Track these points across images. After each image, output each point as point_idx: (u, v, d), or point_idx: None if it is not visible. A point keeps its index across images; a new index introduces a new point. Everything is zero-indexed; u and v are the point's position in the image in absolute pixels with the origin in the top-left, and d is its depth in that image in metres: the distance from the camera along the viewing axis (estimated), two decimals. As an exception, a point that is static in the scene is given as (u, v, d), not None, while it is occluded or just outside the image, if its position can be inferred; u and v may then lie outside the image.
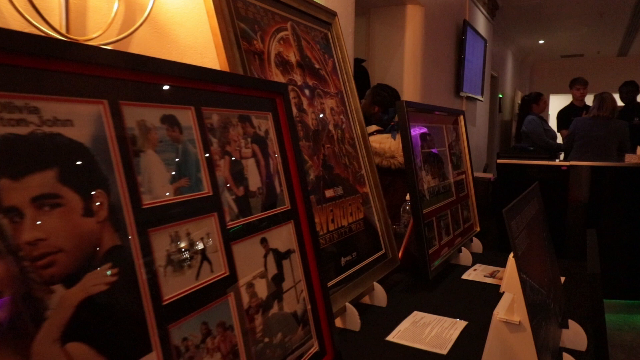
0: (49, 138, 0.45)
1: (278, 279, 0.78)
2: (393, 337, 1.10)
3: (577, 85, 5.09)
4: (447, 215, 1.70)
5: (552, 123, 5.58)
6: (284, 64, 1.20)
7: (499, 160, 3.39)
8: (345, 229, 1.29)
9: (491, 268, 1.63)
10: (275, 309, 0.75)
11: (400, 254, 1.55)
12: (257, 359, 0.69)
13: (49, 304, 0.42)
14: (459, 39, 3.99)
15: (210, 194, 0.66)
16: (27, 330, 0.40)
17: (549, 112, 8.06)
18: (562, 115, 5.09)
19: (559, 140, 4.99)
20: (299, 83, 1.25)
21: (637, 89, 4.76)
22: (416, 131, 1.58)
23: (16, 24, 0.87)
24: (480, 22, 4.84)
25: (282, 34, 1.23)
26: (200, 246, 0.62)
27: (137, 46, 1.10)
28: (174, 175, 0.60)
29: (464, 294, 1.41)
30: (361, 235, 1.37)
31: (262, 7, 1.17)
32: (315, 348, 0.84)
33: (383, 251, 1.46)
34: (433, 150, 1.69)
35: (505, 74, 7.66)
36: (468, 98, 4.50)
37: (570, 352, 0.97)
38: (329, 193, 1.26)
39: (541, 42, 7.93)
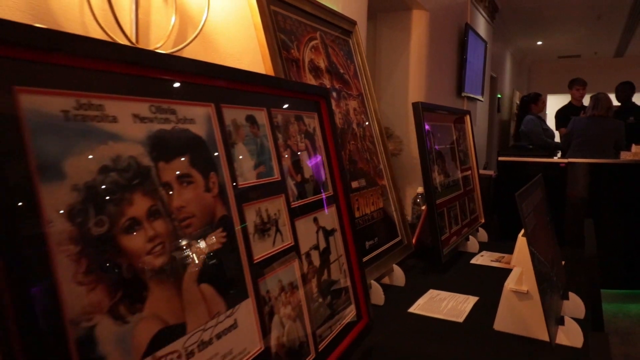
0: (183, 132, 0.60)
1: (326, 252, 0.93)
2: (414, 309, 1.25)
3: (576, 86, 5.25)
4: (456, 206, 1.86)
5: (550, 121, 5.75)
6: (315, 70, 1.35)
7: (500, 158, 3.55)
8: (368, 216, 1.45)
9: (497, 254, 1.79)
10: (325, 275, 0.90)
11: (413, 242, 1.71)
12: (314, 314, 0.84)
13: (189, 254, 0.57)
14: (461, 41, 4.14)
15: (279, 179, 0.81)
16: (179, 272, 0.55)
17: (547, 112, 8.23)
18: (560, 114, 5.25)
19: (557, 138, 5.16)
20: (328, 86, 1.40)
21: (633, 89, 4.93)
22: (427, 129, 1.73)
23: (97, 36, 1.02)
24: (481, 25, 5.00)
25: (313, 42, 1.38)
26: (274, 220, 0.77)
27: (188, 54, 1.25)
28: (255, 163, 0.75)
29: (473, 275, 1.57)
30: (381, 223, 1.53)
31: (296, 20, 1.33)
32: (353, 312, 0.99)
33: (399, 238, 1.62)
34: (438, 147, 1.84)
35: (504, 74, 7.82)
36: (469, 98, 4.65)
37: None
38: (354, 184, 1.41)
39: (539, 43, 8.10)
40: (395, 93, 3.17)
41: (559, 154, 4.75)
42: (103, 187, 0.48)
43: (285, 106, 0.88)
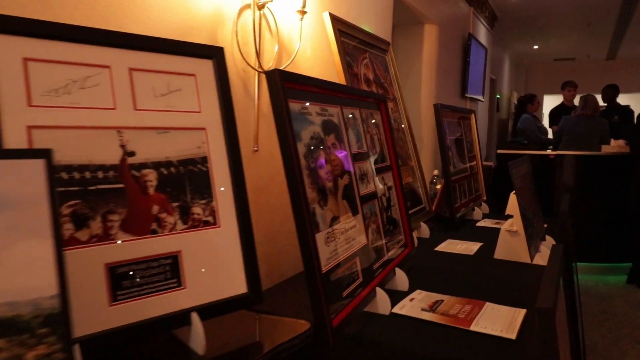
0: (330, 121, 1.14)
1: (389, 199, 1.47)
2: (438, 248, 1.79)
3: (568, 87, 5.79)
4: (464, 184, 2.40)
5: (546, 120, 6.30)
6: (367, 81, 1.89)
7: (498, 151, 4.10)
8: (404, 187, 1.98)
9: (496, 220, 2.33)
10: (389, 213, 1.44)
11: (433, 209, 2.25)
12: (385, 233, 1.38)
13: (339, 184, 1.11)
14: (464, 49, 4.68)
15: (366, 151, 1.35)
16: (336, 191, 1.09)
17: (543, 112, 8.78)
18: (553, 113, 5.80)
19: (550, 135, 5.70)
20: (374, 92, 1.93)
21: (617, 91, 5.48)
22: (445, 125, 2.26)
23: (239, 64, 1.55)
24: (482, 33, 5.54)
25: (365, 61, 1.92)
26: (365, 174, 1.31)
27: (280, 70, 1.78)
28: (355, 140, 1.29)
29: (479, 232, 2.11)
30: (411, 193, 2.07)
31: (354, 45, 1.86)
32: (403, 240, 1.53)
33: (423, 205, 2.16)
34: (451, 138, 2.38)
35: (503, 76, 8.37)
36: (471, 99, 5.19)
37: (546, 252, 1.66)
38: (393, 163, 1.94)
39: (535, 47, 8.65)
40: (410, 95, 3.71)
41: (551, 148, 5.28)
42: (311, 146, 1.02)
43: (365, 107, 1.42)
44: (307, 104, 1.03)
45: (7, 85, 0.67)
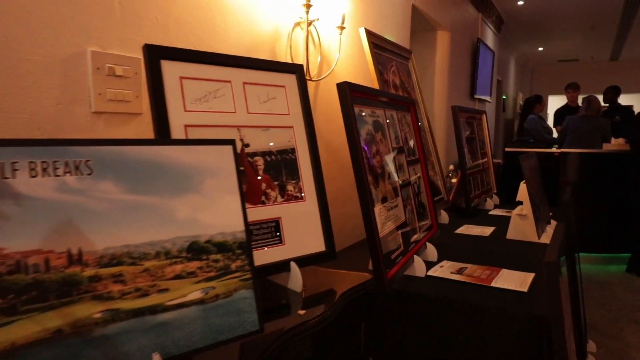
0: (377, 121, 1.42)
1: (419, 186, 1.75)
2: (457, 231, 2.07)
3: (569, 90, 6.05)
4: (478, 177, 2.67)
5: (552, 120, 6.56)
6: (395, 86, 2.17)
7: (506, 149, 4.37)
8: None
9: (506, 210, 2.61)
10: (419, 198, 1.73)
11: (450, 198, 2.53)
12: (415, 216, 1.66)
13: (385, 171, 1.39)
14: (473, 53, 4.96)
15: (401, 145, 1.63)
16: (384, 176, 1.38)
17: (548, 112, 9.04)
18: (558, 113, 6.07)
19: (555, 135, 5.97)
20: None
21: (618, 93, 5.74)
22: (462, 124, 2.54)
23: (286, 70, 1.83)
24: (489, 37, 5.81)
25: (392, 68, 2.20)
26: (402, 165, 1.59)
27: (325, 79, 2.06)
28: (394, 136, 1.57)
29: (491, 219, 2.38)
30: (431, 185, 2.34)
31: (384, 55, 2.15)
32: (429, 222, 1.81)
33: (442, 195, 2.44)
34: (465, 136, 2.66)
35: (509, 77, 8.62)
36: (479, 100, 5.46)
37: (551, 233, 1.93)
38: (417, 158, 2.22)
39: (540, 49, 8.90)
40: (425, 96, 3.98)
41: (556, 147, 5.54)
42: (367, 141, 1.30)
43: (400, 109, 1.70)
44: (361, 108, 1.32)
45: (171, 96, 0.95)
